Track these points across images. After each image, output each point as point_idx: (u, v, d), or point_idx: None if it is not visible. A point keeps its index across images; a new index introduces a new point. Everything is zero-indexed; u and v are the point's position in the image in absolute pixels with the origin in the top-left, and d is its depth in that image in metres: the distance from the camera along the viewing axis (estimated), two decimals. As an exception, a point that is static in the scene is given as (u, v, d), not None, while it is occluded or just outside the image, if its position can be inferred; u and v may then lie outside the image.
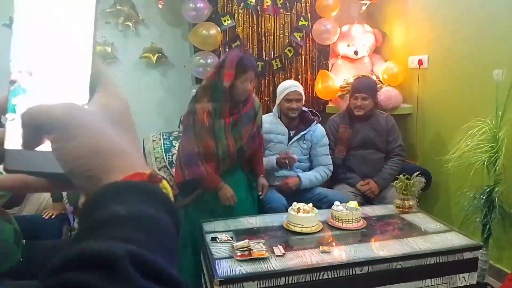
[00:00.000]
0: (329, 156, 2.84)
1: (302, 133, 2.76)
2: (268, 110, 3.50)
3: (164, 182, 0.36)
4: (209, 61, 3.22)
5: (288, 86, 2.72)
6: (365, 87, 2.89)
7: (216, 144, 2.21)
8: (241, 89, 2.14)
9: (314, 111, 2.91)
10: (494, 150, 2.36)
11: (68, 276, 0.27)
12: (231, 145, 2.24)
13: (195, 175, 2.20)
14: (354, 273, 1.80)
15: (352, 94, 2.92)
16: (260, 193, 2.52)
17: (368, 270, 1.82)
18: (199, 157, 2.17)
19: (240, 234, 2.07)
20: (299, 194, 2.67)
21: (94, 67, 0.38)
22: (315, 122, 2.78)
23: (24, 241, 1.85)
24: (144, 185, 0.34)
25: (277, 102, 2.78)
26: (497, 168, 2.37)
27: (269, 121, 2.79)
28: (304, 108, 2.79)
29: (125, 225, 0.30)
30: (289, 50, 3.52)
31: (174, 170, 2.67)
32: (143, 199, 0.33)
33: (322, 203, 2.56)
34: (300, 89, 2.74)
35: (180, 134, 2.57)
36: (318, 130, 2.80)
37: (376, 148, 2.92)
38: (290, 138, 2.77)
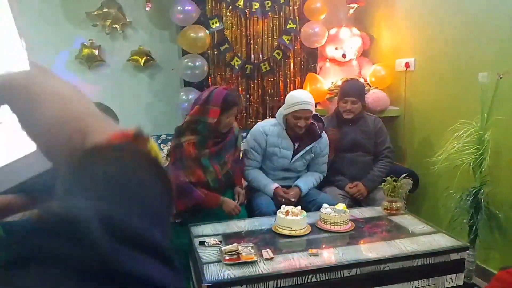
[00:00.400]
0: (327, 164, 2.82)
1: (308, 148, 2.65)
2: (257, 113, 3.52)
3: (151, 142, 0.33)
4: (197, 63, 3.21)
5: (300, 101, 2.49)
6: (354, 90, 2.90)
7: (204, 173, 2.35)
8: (225, 124, 2.29)
9: (319, 115, 2.74)
10: (479, 152, 2.39)
11: (33, 242, 0.24)
12: (218, 172, 2.40)
13: (194, 201, 2.29)
14: (342, 275, 1.81)
15: (341, 98, 2.93)
16: (236, 200, 2.49)
17: (356, 273, 1.83)
18: (191, 185, 2.28)
19: (228, 237, 2.06)
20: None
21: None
22: (321, 136, 2.66)
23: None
24: (129, 146, 0.31)
25: (284, 113, 2.58)
26: (483, 169, 2.40)
27: (275, 133, 2.63)
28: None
29: (102, 188, 0.28)
30: (278, 53, 3.53)
31: None
32: (128, 162, 0.30)
33: (310, 205, 2.56)
34: (312, 105, 2.54)
35: (167, 149, 2.69)
36: (322, 140, 2.70)
37: (365, 150, 2.93)
38: (294, 151, 2.66)
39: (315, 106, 3.57)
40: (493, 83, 2.35)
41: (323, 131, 2.71)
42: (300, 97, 2.54)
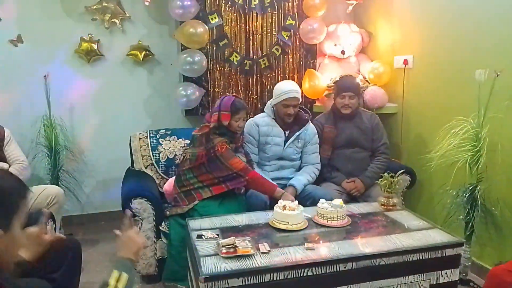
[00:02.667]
0: (318, 154, 2.87)
1: (297, 133, 2.81)
2: (256, 109, 3.53)
3: None
4: (196, 59, 3.22)
5: (288, 90, 2.71)
6: (351, 86, 2.91)
7: None
8: (235, 126, 2.57)
9: (304, 107, 2.95)
10: (476, 149, 2.40)
11: None
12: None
13: (255, 176, 2.51)
14: (338, 269, 1.82)
15: (338, 93, 2.93)
16: None
17: (352, 267, 1.84)
18: (242, 174, 2.49)
19: (226, 231, 2.08)
20: (284, 189, 2.69)
21: None
22: (309, 121, 2.84)
23: None
24: None
25: (273, 103, 2.80)
26: (479, 166, 2.41)
27: (265, 123, 2.82)
28: None
29: None
30: (277, 49, 3.53)
31: (165, 188, 2.81)
32: None
33: (306, 200, 2.59)
34: (298, 93, 2.76)
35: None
36: (310, 128, 2.86)
37: (361, 146, 2.94)
38: (285, 138, 2.81)
39: (314, 103, 3.63)
40: (490, 80, 2.35)
41: (310, 120, 2.86)
42: (287, 87, 2.75)
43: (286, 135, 2.82)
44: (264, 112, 2.91)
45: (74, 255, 1.94)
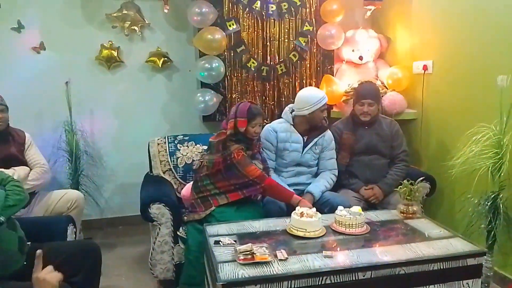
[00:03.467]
0: (335, 160, 2.85)
1: (316, 139, 2.80)
2: (273, 114, 3.53)
3: None
4: (214, 65, 3.24)
5: (322, 96, 2.72)
6: (371, 93, 2.87)
7: None
8: (252, 132, 2.57)
9: None
10: (498, 156, 2.35)
11: None
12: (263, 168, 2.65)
13: (271, 184, 2.51)
14: (357, 278, 1.80)
15: (357, 100, 2.89)
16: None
17: (371, 276, 1.82)
18: (258, 181, 2.49)
19: (243, 238, 2.07)
20: (302, 196, 2.68)
21: None
22: (326, 128, 2.84)
23: (29, 243, 1.87)
24: None
25: (306, 112, 2.72)
26: (502, 174, 2.36)
27: (284, 129, 2.81)
28: None
29: None
30: (294, 55, 3.53)
31: (183, 193, 2.82)
32: None
33: (324, 207, 2.57)
34: (323, 99, 2.75)
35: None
36: (327, 134, 2.85)
37: (380, 153, 2.90)
38: (303, 144, 2.79)
39: (331, 108, 3.61)
40: (512, 86, 2.31)
41: (327, 127, 2.87)
42: (319, 94, 2.77)
43: (304, 141, 2.80)
44: (281, 118, 2.89)
45: (94, 258, 1.97)
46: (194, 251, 2.43)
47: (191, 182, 2.75)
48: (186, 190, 2.78)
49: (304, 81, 3.59)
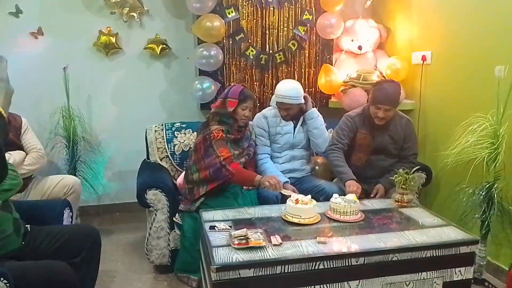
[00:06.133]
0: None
1: (301, 119, 2.82)
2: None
3: None
4: (212, 53, 3.23)
5: (287, 95, 2.70)
6: (389, 99, 2.62)
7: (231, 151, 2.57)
8: (241, 114, 2.58)
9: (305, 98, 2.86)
10: (494, 146, 2.36)
11: None
12: (238, 154, 2.63)
13: (230, 175, 2.46)
14: (350, 264, 1.82)
15: (373, 103, 2.66)
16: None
17: (364, 262, 1.83)
18: (224, 163, 2.46)
19: (238, 223, 2.09)
20: (298, 185, 2.69)
21: None
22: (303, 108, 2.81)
23: (28, 226, 1.89)
24: None
25: (276, 99, 2.79)
26: (497, 164, 2.37)
27: (273, 115, 2.82)
28: None
29: None
30: (293, 44, 3.52)
31: (178, 181, 2.82)
32: None
33: (319, 195, 2.58)
34: (296, 100, 2.71)
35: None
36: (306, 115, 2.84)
37: (387, 154, 2.78)
38: (294, 126, 2.82)
39: (329, 98, 3.61)
40: (509, 77, 2.31)
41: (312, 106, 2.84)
42: (288, 91, 2.72)
43: (294, 123, 2.82)
44: (270, 105, 2.92)
45: (94, 242, 2.00)
46: (189, 238, 2.45)
47: (186, 170, 2.77)
48: (181, 178, 2.79)
49: (302, 70, 3.59)
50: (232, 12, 3.34)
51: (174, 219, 2.59)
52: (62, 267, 1.69)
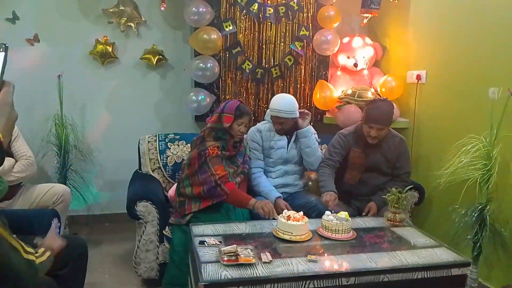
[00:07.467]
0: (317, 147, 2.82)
1: (294, 135, 2.80)
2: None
3: None
4: (208, 65, 3.23)
5: (282, 109, 2.67)
6: (381, 118, 2.61)
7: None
8: (237, 130, 2.54)
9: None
10: (487, 168, 2.36)
11: None
12: (231, 175, 2.55)
13: (225, 195, 2.42)
14: (340, 283, 1.79)
15: (366, 122, 2.65)
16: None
17: (355, 282, 1.81)
18: (219, 182, 2.41)
19: (228, 239, 2.06)
20: (290, 200, 2.67)
21: None
22: (299, 124, 2.77)
23: (14, 236, 1.85)
24: None
25: (271, 113, 2.76)
26: (490, 186, 2.38)
27: (268, 129, 2.80)
28: None
29: None
30: (289, 59, 3.53)
31: (170, 193, 2.79)
32: None
33: (311, 212, 2.56)
34: (291, 114, 2.69)
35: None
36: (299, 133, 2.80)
37: (379, 172, 2.77)
38: (288, 141, 2.80)
39: (324, 114, 3.61)
40: (503, 99, 2.32)
41: (310, 124, 2.83)
42: (283, 106, 2.69)
43: (288, 138, 2.80)
44: (265, 120, 2.90)
45: (81, 254, 1.96)
46: (178, 252, 2.41)
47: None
48: (173, 190, 2.76)
49: (298, 85, 3.59)
50: (229, 25, 3.35)
51: (164, 232, 2.56)
52: (47, 282, 1.65)
